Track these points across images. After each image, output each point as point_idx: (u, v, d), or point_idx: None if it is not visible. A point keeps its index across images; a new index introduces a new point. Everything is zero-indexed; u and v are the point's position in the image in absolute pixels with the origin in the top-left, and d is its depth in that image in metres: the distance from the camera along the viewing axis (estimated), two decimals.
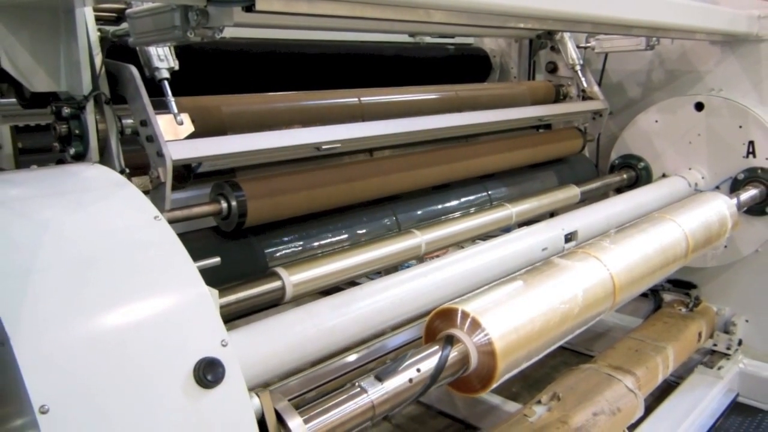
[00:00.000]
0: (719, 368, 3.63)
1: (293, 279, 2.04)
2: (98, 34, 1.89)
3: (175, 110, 1.93)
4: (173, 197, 1.98)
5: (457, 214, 2.75)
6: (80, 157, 1.88)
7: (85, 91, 1.83)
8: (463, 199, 2.86)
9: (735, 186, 3.43)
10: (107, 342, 1.05)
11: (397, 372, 1.48)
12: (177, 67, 1.97)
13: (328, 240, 2.35)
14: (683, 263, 2.53)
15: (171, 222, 1.97)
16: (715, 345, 3.77)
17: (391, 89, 2.79)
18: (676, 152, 3.60)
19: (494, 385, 1.64)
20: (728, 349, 3.74)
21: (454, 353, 1.59)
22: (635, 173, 3.71)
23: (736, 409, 3.62)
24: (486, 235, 2.73)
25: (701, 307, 3.78)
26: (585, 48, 3.65)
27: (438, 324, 1.70)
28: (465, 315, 1.64)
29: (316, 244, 2.29)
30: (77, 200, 1.27)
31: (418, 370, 1.51)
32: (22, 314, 0.97)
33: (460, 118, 2.70)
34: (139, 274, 1.16)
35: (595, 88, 3.58)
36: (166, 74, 1.93)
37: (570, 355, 4.13)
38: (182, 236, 2.18)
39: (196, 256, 2.09)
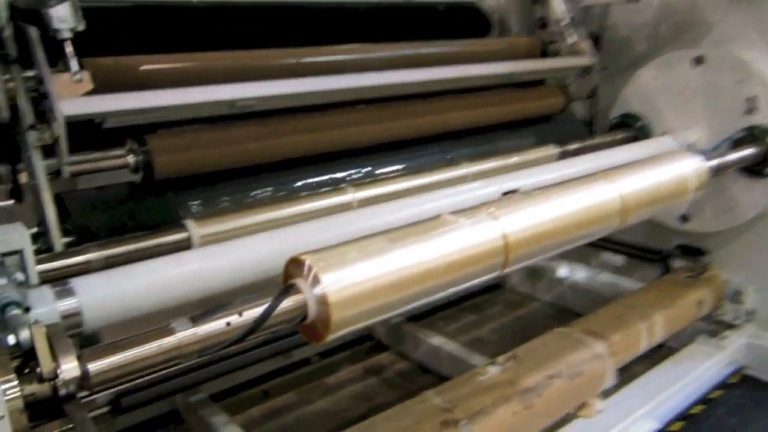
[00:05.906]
0: (722, 338, 3.46)
1: (201, 231, 2.13)
2: None
3: (75, 68, 2.03)
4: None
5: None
6: None
7: None
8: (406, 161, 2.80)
9: (735, 145, 3.20)
10: None
11: (215, 315, 1.53)
12: (82, 28, 2.06)
13: (251, 196, 2.40)
14: (620, 223, 2.38)
15: (77, 174, 2.11)
16: (721, 314, 3.58)
17: (344, 47, 2.77)
18: (674, 110, 3.39)
19: (334, 335, 1.66)
20: (735, 319, 3.53)
21: (288, 303, 1.61)
22: (633, 133, 3.53)
23: (741, 381, 3.43)
24: None
25: (708, 274, 3.59)
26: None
27: (291, 270, 1.72)
28: (309, 267, 1.65)
29: (230, 198, 2.35)
30: None
31: (240, 315, 1.55)
32: None
33: (399, 75, 2.64)
34: None
35: (584, 44, 3.40)
36: (67, 34, 2.04)
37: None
38: (101, 188, 2.32)
39: (108, 207, 2.22)
